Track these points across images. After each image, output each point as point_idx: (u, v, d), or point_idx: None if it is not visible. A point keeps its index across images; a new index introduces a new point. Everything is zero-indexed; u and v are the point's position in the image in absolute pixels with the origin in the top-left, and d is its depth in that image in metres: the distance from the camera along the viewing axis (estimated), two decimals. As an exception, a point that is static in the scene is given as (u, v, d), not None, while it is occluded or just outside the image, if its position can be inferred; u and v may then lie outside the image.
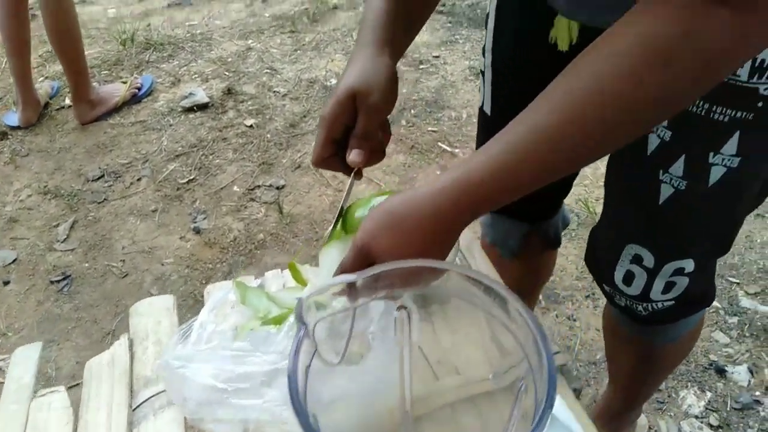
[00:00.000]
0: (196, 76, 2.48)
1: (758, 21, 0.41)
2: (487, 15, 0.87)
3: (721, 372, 1.29)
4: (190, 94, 2.32)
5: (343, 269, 0.51)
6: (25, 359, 0.77)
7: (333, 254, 0.64)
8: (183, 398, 0.64)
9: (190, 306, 1.57)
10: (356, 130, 0.60)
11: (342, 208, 0.66)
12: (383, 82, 0.60)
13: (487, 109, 0.90)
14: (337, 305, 0.45)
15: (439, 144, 2.04)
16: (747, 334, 1.38)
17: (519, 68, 0.83)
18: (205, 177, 1.98)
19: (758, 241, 1.63)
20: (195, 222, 1.81)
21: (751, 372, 1.29)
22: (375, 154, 0.63)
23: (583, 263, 1.65)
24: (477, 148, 1.00)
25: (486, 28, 0.87)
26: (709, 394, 1.25)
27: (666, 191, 0.67)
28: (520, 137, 0.47)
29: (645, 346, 0.89)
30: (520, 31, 0.82)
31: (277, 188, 1.91)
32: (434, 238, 0.49)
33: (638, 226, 0.73)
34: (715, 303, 1.43)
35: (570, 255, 1.61)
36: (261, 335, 0.68)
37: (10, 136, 2.21)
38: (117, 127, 2.23)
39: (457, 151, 2.01)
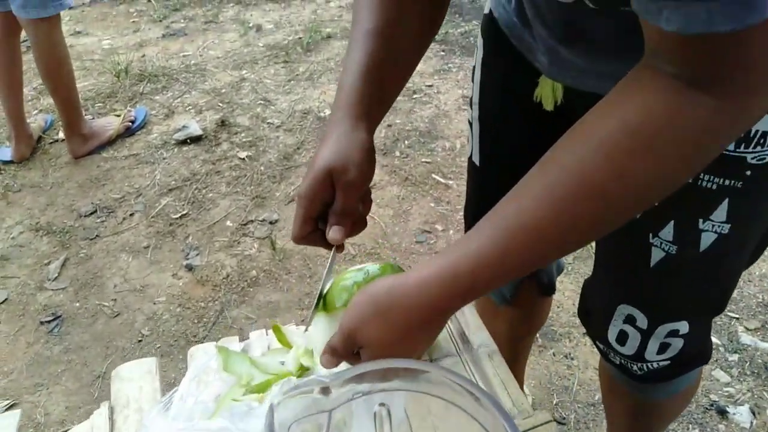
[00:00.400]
0: (190, 107, 2.48)
1: (740, 108, 0.40)
2: (473, 68, 0.86)
3: (722, 413, 1.27)
4: (184, 126, 2.32)
5: (332, 351, 0.50)
6: (5, 429, 0.75)
7: (320, 328, 0.63)
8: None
9: (182, 347, 1.55)
10: (335, 207, 0.59)
11: (322, 287, 0.65)
12: (359, 158, 0.59)
13: (476, 160, 0.89)
14: (311, 407, 0.43)
15: (433, 175, 2.03)
16: (748, 372, 1.36)
17: (505, 123, 0.82)
18: (198, 212, 1.97)
19: (756, 273, 1.61)
20: (187, 258, 1.80)
21: (753, 413, 1.26)
22: (356, 224, 0.62)
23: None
24: (468, 195, 0.99)
25: (472, 80, 0.87)
26: (710, 437, 1.22)
27: (657, 255, 0.66)
28: (506, 229, 0.46)
29: (642, 402, 0.87)
30: (505, 88, 0.81)
31: (271, 223, 1.90)
32: (421, 327, 0.48)
33: (630, 287, 0.71)
34: (715, 339, 1.40)
35: (566, 290, 1.59)
36: (242, 409, 0.66)
37: (2, 172, 2.20)
38: (110, 161, 2.23)
39: (451, 182, 1.99)
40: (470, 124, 0.89)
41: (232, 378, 0.73)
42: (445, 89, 2.47)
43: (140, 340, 1.58)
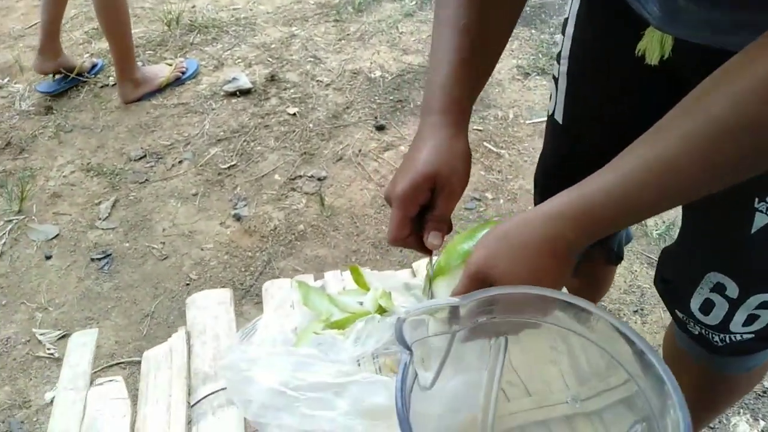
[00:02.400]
0: (240, 60, 2.47)
1: None
2: (565, 21, 0.83)
3: (774, 399, 1.24)
4: (234, 78, 2.31)
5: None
6: (81, 346, 0.77)
7: (438, 291, 0.62)
8: (247, 400, 0.62)
9: (228, 293, 1.57)
10: (435, 213, 0.60)
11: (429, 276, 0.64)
12: (463, 168, 0.60)
13: (559, 118, 0.86)
14: (435, 328, 0.42)
15: (485, 143, 2.00)
16: (802, 363, 1.33)
17: (599, 78, 0.79)
18: (246, 163, 1.97)
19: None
20: (236, 208, 1.81)
21: (807, 402, 1.24)
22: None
23: (632, 276, 1.61)
24: (544, 155, 0.97)
25: (563, 34, 0.84)
26: (762, 423, 1.20)
27: (760, 221, 0.63)
28: (645, 166, 0.45)
29: (712, 376, 0.85)
30: (603, 41, 0.78)
31: (319, 179, 1.89)
32: (553, 263, 0.47)
33: (724, 254, 0.69)
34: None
35: (618, 267, 1.57)
36: (327, 340, 0.66)
37: (54, 111, 2.23)
38: (159, 108, 2.24)
39: (502, 151, 1.96)
40: (555, 79, 0.86)
41: (311, 312, 0.73)
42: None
43: (188, 284, 1.60)
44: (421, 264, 0.85)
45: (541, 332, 0.53)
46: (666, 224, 1.73)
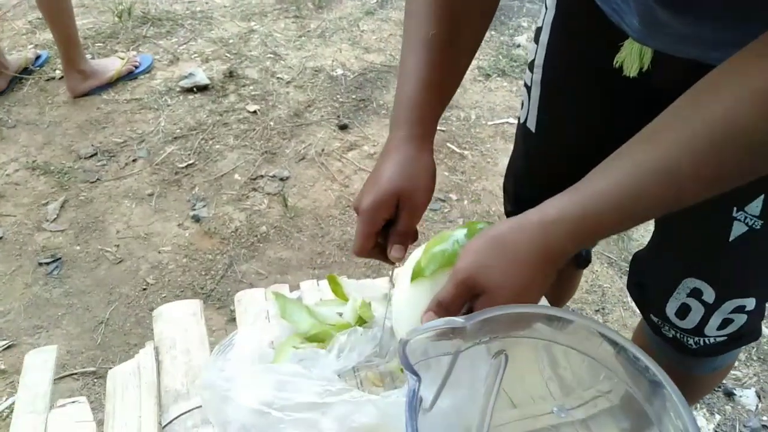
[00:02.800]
0: (196, 55, 2.39)
1: None
2: (538, 29, 0.83)
3: (729, 395, 1.29)
4: (190, 74, 2.23)
5: (438, 305, 0.47)
6: (41, 364, 0.71)
7: (406, 297, 0.60)
8: (225, 421, 0.59)
9: (189, 298, 1.51)
10: (399, 227, 0.62)
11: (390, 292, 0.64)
12: (426, 184, 0.62)
13: (531, 126, 0.86)
14: (438, 348, 0.41)
15: (448, 144, 2.00)
16: (755, 358, 1.39)
17: (575, 88, 0.80)
18: (204, 162, 1.91)
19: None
20: (194, 209, 1.74)
21: (758, 396, 1.29)
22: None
23: (593, 276, 1.64)
24: (514, 162, 0.97)
25: (536, 42, 0.83)
26: (718, 417, 1.25)
27: (738, 229, 0.65)
28: (640, 173, 0.44)
29: (680, 376, 0.87)
30: (580, 51, 0.78)
31: (281, 179, 1.85)
32: (544, 270, 0.47)
33: (702, 260, 0.71)
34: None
35: (580, 268, 1.60)
36: (309, 355, 0.64)
37: (-5, 105, 2.09)
38: (111, 104, 2.14)
39: (465, 152, 1.97)
40: (527, 87, 0.86)
41: (289, 325, 0.70)
42: (459, 59, 2.42)
43: (145, 289, 1.53)
44: (399, 271, 0.83)
45: (527, 343, 0.52)
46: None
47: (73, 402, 0.67)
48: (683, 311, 0.74)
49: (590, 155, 0.54)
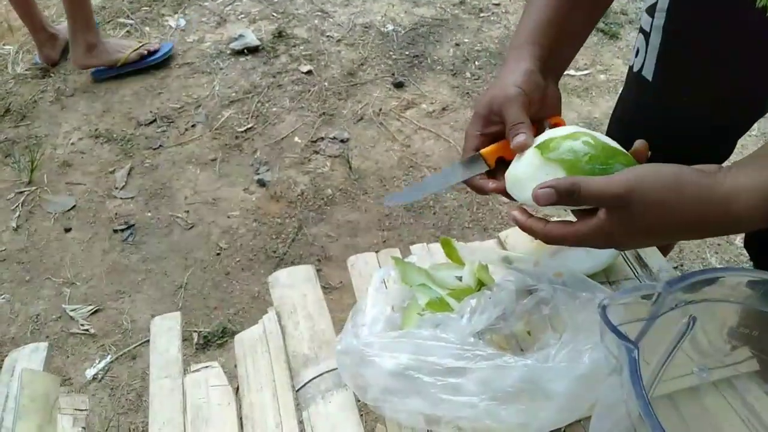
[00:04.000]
0: (243, 16, 2.36)
1: None
2: None
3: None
4: (240, 36, 2.20)
5: (573, 193, 0.47)
6: (167, 330, 0.73)
7: (528, 162, 0.57)
8: (364, 385, 0.60)
9: (262, 261, 1.53)
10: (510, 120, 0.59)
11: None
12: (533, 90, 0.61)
13: (648, 74, 0.82)
14: (635, 313, 0.40)
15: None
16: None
17: (706, 37, 0.75)
18: (263, 126, 1.90)
19: None
20: (258, 174, 1.75)
21: None
22: None
23: (705, 247, 1.59)
24: (624, 111, 0.93)
25: None
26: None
27: None
28: None
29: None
30: None
31: (342, 141, 1.84)
32: (688, 233, 0.45)
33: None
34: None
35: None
36: (441, 319, 0.63)
37: (52, 74, 2.11)
38: (163, 69, 2.13)
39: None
40: (645, 33, 0.81)
41: (408, 290, 0.70)
42: (513, 9, 2.33)
43: (218, 253, 1.56)
44: (509, 233, 0.82)
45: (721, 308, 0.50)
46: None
47: (206, 367, 0.69)
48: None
49: (715, 112, 0.50)
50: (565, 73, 2.12)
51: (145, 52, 2.07)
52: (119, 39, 2.17)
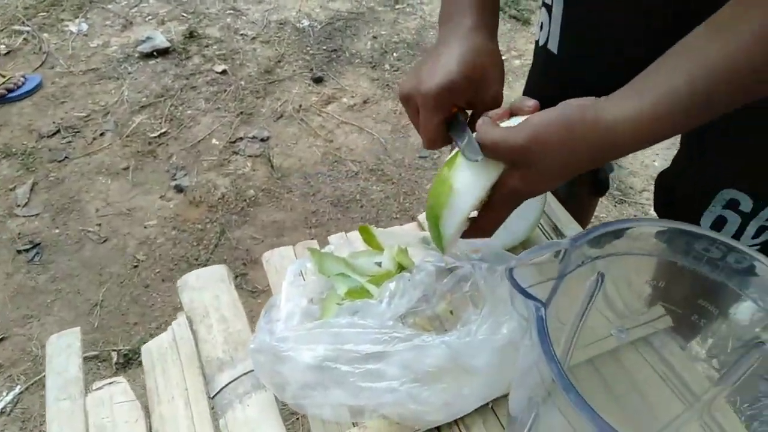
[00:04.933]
0: (150, 17, 2.25)
1: None
2: None
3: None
4: (148, 38, 2.10)
5: (492, 145, 0.45)
6: (65, 348, 0.66)
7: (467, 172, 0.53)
8: (282, 383, 0.56)
9: (184, 270, 1.45)
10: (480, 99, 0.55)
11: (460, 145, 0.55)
12: (500, 81, 0.56)
13: (553, 47, 0.82)
14: (542, 274, 0.38)
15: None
16: None
17: (603, 5, 0.76)
18: (178, 130, 1.82)
19: None
20: (175, 179, 1.67)
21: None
22: None
23: (610, 205, 1.64)
24: (534, 84, 0.93)
25: None
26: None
27: (780, 128, 0.63)
28: (706, 69, 0.42)
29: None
30: None
31: (262, 140, 1.78)
32: (593, 165, 0.45)
33: (740, 169, 0.69)
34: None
35: (575, 200, 1.60)
36: (359, 306, 0.61)
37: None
38: (66, 76, 2.00)
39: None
40: (546, 6, 0.82)
41: (326, 280, 0.67)
42: (428, 0, 2.34)
43: (136, 266, 1.47)
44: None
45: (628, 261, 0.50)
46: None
47: (110, 383, 0.63)
48: (718, 224, 0.73)
49: (617, 79, 0.51)
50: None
51: (4, 91, 1.87)
52: None
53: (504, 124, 0.48)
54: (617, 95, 0.46)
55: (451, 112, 0.54)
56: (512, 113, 0.52)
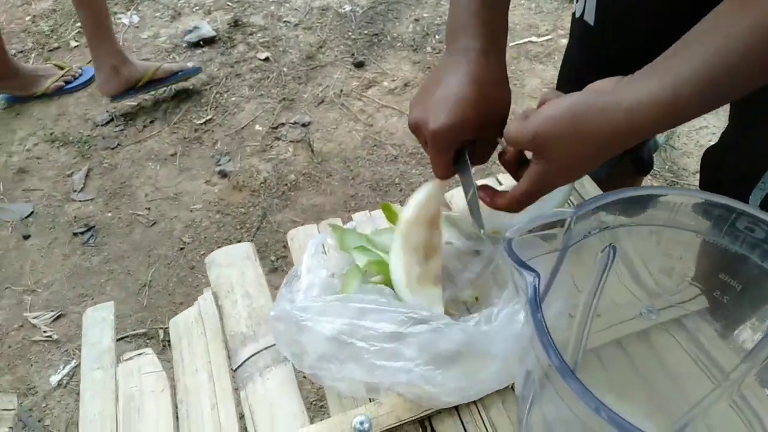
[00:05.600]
0: (197, 8, 2.30)
1: None
2: None
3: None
4: (195, 27, 2.15)
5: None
6: (99, 321, 0.69)
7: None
8: (300, 352, 0.57)
9: (227, 253, 1.49)
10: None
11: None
12: (505, 111, 0.56)
13: (590, 19, 0.79)
14: (545, 246, 0.37)
15: (471, 71, 1.91)
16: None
17: None
18: (222, 116, 1.86)
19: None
20: (219, 165, 1.71)
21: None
22: None
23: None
24: (572, 60, 0.90)
25: None
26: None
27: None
28: (724, 49, 0.39)
29: None
30: None
31: (303, 125, 1.80)
32: (612, 153, 0.43)
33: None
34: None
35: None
36: (381, 289, 0.60)
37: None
38: (119, 67, 2.07)
39: (490, 77, 1.89)
40: (582, -23, 0.79)
41: (348, 256, 0.67)
42: (471, -20, 2.30)
43: (182, 248, 1.52)
44: (453, 194, 0.79)
45: (639, 233, 0.48)
46: (665, 134, 1.70)
47: (140, 354, 0.65)
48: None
49: (659, 47, 0.48)
50: (527, 39, 2.08)
51: (64, 83, 1.95)
52: (35, 66, 2.00)
53: None
54: (637, 76, 0.44)
55: (458, 146, 0.55)
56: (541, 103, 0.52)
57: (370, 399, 0.58)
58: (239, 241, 1.52)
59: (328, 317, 0.54)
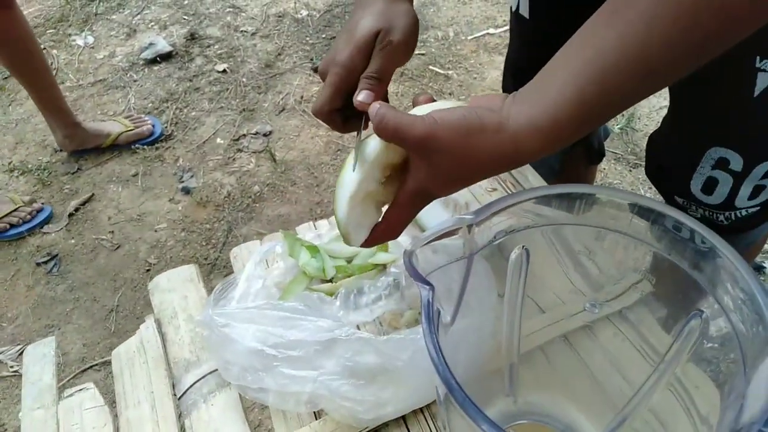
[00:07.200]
0: (153, 23, 2.27)
1: None
2: None
3: (759, 269, 1.26)
4: (150, 44, 2.12)
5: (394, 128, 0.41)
6: (41, 358, 0.67)
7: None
8: (225, 362, 0.55)
9: (194, 271, 1.47)
10: (370, 70, 0.50)
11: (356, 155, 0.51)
12: (408, 24, 0.51)
13: (525, 12, 0.78)
14: (449, 254, 0.35)
15: (430, 67, 1.90)
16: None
17: None
18: (183, 132, 1.83)
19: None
20: (182, 182, 1.68)
21: (787, 265, 1.26)
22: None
23: (602, 175, 1.58)
24: (513, 52, 0.89)
25: None
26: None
27: (764, 82, 0.58)
28: (604, 62, 0.36)
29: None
30: None
31: (264, 135, 1.77)
32: (497, 172, 0.40)
33: (724, 125, 0.64)
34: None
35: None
36: (313, 297, 0.59)
37: (-42, 113, 2.00)
38: (75, 90, 2.04)
39: (450, 72, 1.88)
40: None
41: (296, 265, 0.66)
42: (427, -23, 2.29)
43: (148, 269, 1.49)
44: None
45: (546, 234, 0.47)
46: (626, 117, 1.70)
47: (81, 390, 0.63)
48: (710, 186, 0.68)
49: None
50: (485, 32, 2.07)
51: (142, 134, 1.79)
52: (94, 123, 1.80)
53: (412, 111, 0.45)
54: (519, 98, 0.41)
55: (355, 79, 0.51)
56: (415, 104, 0.49)
57: (316, 416, 0.57)
58: (206, 258, 1.50)
59: (244, 324, 0.53)
